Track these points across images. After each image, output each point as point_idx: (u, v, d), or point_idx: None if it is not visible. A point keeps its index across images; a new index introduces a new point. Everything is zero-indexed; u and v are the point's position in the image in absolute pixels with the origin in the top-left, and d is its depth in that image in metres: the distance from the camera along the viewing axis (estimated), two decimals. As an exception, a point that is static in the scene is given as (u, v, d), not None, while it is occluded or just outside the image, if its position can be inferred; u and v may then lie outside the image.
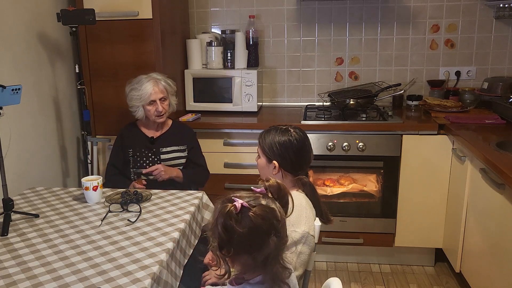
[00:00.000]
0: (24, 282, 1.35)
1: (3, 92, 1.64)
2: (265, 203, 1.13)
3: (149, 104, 2.29)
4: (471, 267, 2.36)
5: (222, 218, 1.09)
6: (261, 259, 1.10)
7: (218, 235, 1.10)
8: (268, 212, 1.11)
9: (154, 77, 2.32)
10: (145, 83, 2.27)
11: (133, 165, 2.37)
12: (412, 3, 3.07)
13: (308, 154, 1.67)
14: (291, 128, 1.66)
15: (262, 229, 1.09)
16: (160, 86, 2.30)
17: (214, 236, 1.11)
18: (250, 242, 1.09)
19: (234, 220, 1.08)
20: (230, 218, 1.08)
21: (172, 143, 2.40)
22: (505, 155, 2.04)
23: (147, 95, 2.26)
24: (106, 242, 1.59)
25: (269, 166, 1.66)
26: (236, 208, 1.08)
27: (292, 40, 3.21)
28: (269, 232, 1.10)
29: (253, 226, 1.08)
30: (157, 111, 2.30)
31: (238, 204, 1.09)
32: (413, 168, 2.67)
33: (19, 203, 1.94)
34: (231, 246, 1.09)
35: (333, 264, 2.95)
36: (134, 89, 2.28)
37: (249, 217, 1.08)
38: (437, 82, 3.12)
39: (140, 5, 2.54)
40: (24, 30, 2.30)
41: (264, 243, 1.10)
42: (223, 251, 1.10)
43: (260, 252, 1.10)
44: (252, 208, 1.09)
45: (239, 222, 1.08)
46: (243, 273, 1.15)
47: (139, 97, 2.27)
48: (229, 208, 1.08)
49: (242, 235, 1.07)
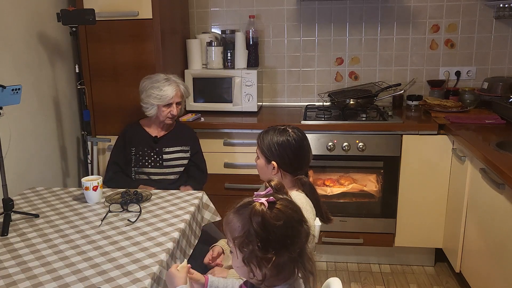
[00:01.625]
0: (24, 282, 1.35)
1: (3, 92, 1.64)
2: (282, 197, 1.14)
3: (166, 105, 2.30)
4: (471, 267, 2.36)
5: (256, 217, 1.07)
6: (296, 252, 1.10)
7: (255, 236, 1.06)
8: (292, 203, 1.14)
9: (175, 80, 2.34)
10: (167, 85, 2.28)
11: (135, 164, 2.37)
12: (412, 3, 3.06)
13: (306, 154, 1.67)
14: (289, 128, 1.66)
15: (294, 219, 1.11)
16: (181, 90, 2.34)
17: (248, 242, 1.08)
18: (287, 235, 1.09)
19: (268, 216, 1.07)
20: (264, 214, 1.07)
21: (176, 143, 2.41)
22: (505, 155, 2.04)
23: (168, 97, 2.28)
24: (106, 242, 1.59)
25: (268, 167, 1.66)
26: (264, 205, 1.08)
27: (292, 40, 3.21)
28: (301, 221, 1.12)
29: (286, 218, 1.09)
30: (171, 114, 2.32)
31: (264, 202, 1.09)
32: (413, 168, 2.67)
33: (19, 203, 1.94)
34: (270, 244, 1.07)
35: (333, 264, 2.95)
36: (155, 88, 2.28)
37: (279, 210, 1.09)
38: (437, 82, 3.12)
39: (140, 5, 2.54)
40: (24, 30, 2.30)
41: (298, 234, 1.11)
42: (263, 253, 1.06)
43: (295, 244, 1.10)
44: (277, 202, 1.10)
45: (273, 217, 1.07)
46: (275, 274, 1.11)
47: (159, 97, 2.27)
48: (259, 207, 1.08)
49: (279, 229, 1.07)
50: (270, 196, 1.12)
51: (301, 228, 1.12)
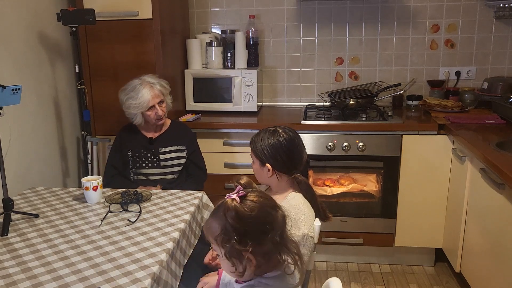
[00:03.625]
0: (24, 282, 1.35)
1: (3, 92, 1.64)
2: (252, 189, 1.19)
3: (148, 110, 2.27)
4: (471, 267, 2.36)
5: (230, 212, 1.10)
6: (278, 237, 1.13)
7: (232, 230, 1.10)
8: (262, 192, 1.19)
9: (148, 81, 2.28)
10: (141, 90, 2.23)
11: (132, 166, 2.37)
12: (412, 3, 3.06)
13: (300, 152, 1.65)
14: (279, 129, 1.64)
15: (267, 205, 1.15)
16: (156, 91, 2.27)
17: (226, 237, 1.11)
18: (265, 221, 1.12)
19: (242, 208, 1.11)
20: (237, 208, 1.11)
21: (171, 143, 2.40)
22: (505, 155, 2.04)
23: (146, 102, 2.24)
24: (106, 242, 1.59)
25: (263, 170, 1.64)
26: (236, 200, 1.12)
27: (292, 40, 3.21)
28: (274, 206, 1.17)
29: (260, 206, 1.13)
30: (157, 115, 2.30)
31: (235, 197, 1.13)
32: (413, 168, 2.67)
33: (19, 203, 1.94)
34: (248, 236, 1.10)
35: (333, 264, 2.95)
36: (131, 98, 2.24)
37: (251, 200, 1.13)
38: (437, 82, 3.12)
39: (140, 5, 2.54)
40: (24, 30, 2.30)
41: (275, 218, 1.14)
42: (242, 245, 1.10)
43: (274, 229, 1.13)
44: (248, 194, 1.15)
45: (247, 208, 1.11)
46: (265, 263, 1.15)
47: (137, 105, 2.24)
48: (231, 202, 1.12)
49: (255, 218, 1.11)
50: (243, 189, 1.17)
51: (276, 212, 1.16)
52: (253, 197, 1.14)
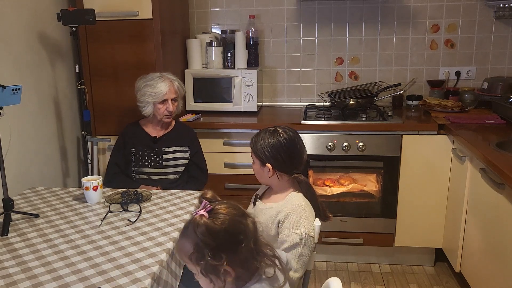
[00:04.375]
0: (24, 282, 1.35)
1: (3, 92, 1.64)
2: (218, 201, 1.17)
3: (161, 102, 2.30)
4: (471, 267, 2.37)
5: (200, 228, 1.09)
6: (252, 244, 1.13)
7: (204, 247, 1.09)
8: (229, 202, 1.17)
9: (168, 77, 2.34)
10: (160, 82, 2.29)
11: (135, 164, 2.38)
12: (412, 3, 3.07)
13: (300, 152, 1.65)
14: (279, 129, 1.64)
15: (237, 215, 1.13)
16: (175, 87, 2.34)
17: (200, 255, 1.10)
18: (236, 233, 1.11)
19: (212, 222, 1.09)
20: (207, 223, 1.09)
21: (175, 143, 2.41)
22: (505, 155, 2.04)
23: (162, 93, 2.28)
24: (106, 242, 1.59)
25: (263, 170, 1.65)
26: (204, 215, 1.10)
27: (292, 40, 3.21)
28: (244, 214, 1.15)
29: (230, 217, 1.11)
30: (167, 111, 2.32)
31: (203, 212, 1.11)
32: (413, 168, 2.67)
33: (19, 203, 1.94)
34: (222, 249, 1.09)
35: (333, 264, 2.95)
36: (149, 86, 2.29)
37: (220, 212, 1.12)
38: (437, 82, 3.12)
39: (140, 5, 2.54)
40: (24, 30, 2.30)
41: (246, 227, 1.14)
42: (217, 260, 1.08)
43: (248, 238, 1.12)
44: (215, 207, 1.13)
45: (216, 221, 1.10)
46: (244, 272, 1.14)
47: (153, 94, 2.28)
48: (199, 218, 1.10)
49: (226, 231, 1.10)
50: (207, 207, 1.14)
51: (246, 220, 1.15)
52: (222, 209, 1.12)
